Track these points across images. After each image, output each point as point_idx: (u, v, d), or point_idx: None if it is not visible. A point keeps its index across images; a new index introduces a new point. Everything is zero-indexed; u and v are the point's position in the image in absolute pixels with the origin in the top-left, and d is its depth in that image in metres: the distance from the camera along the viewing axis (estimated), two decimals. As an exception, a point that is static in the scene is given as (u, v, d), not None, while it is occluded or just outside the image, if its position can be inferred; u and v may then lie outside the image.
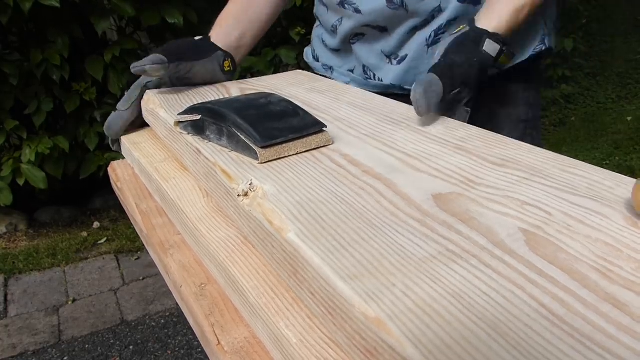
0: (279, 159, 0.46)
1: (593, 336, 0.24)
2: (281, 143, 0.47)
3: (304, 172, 0.43)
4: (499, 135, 0.50)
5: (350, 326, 0.28)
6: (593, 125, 3.25)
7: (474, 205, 0.37)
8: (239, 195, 0.42)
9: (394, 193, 0.39)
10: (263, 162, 0.45)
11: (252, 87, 0.70)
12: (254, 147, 0.46)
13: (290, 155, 0.47)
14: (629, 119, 3.29)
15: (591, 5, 3.67)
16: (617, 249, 0.31)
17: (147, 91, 0.69)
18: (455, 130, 0.51)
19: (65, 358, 1.54)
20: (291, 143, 0.47)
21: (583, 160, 0.42)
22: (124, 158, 0.74)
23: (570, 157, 0.44)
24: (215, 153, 0.48)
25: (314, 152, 0.47)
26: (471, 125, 0.53)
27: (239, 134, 0.47)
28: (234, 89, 0.69)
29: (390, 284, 0.28)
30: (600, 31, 4.29)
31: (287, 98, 0.53)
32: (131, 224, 0.65)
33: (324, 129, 0.50)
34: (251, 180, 0.42)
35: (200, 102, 0.59)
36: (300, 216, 0.36)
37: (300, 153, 0.48)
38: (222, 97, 0.65)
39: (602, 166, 0.42)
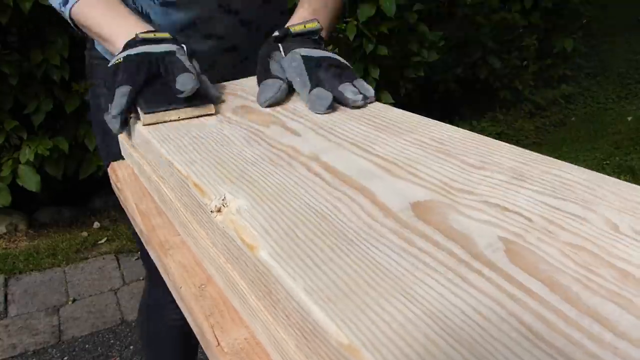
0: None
1: (574, 356, 0.24)
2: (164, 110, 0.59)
3: (279, 184, 0.42)
4: (479, 135, 0.49)
5: (325, 352, 0.28)
6: (593, 125, 3.25)
7: (453, 212, 0.36)
8: (212, 212, 0.41)
9: (371, 203, 0.38)
10: (145, 124, 0.58)
11: (231, 91, 0.70)
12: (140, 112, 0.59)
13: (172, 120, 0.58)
14: (629, 119, 3.29)
15: (591, 5, 3.67)
16: (598, 256, 0.31)
17: None
18: (434, 132, 0.51)
19: (66, 358, 1.54)
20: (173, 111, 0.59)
21: (583, 160, 0.42)
22: (123, 158, 0.74)
23: (570, 157, 0.44)
24: (187, 165, 0.47)
25: (290, 160, 0.46)
26: (450, 125, 0.52)
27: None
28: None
29: (365, 306, 0.27)
30: (600, 31, 4.29)
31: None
32: (131, 224, 0.65)
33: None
34: (224, 195, 0.41)
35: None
36: (274, 232, 0.35)
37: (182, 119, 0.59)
38: None
39: (602, 166, 0.41)
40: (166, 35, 0.68)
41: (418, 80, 2.77)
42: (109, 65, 0.64)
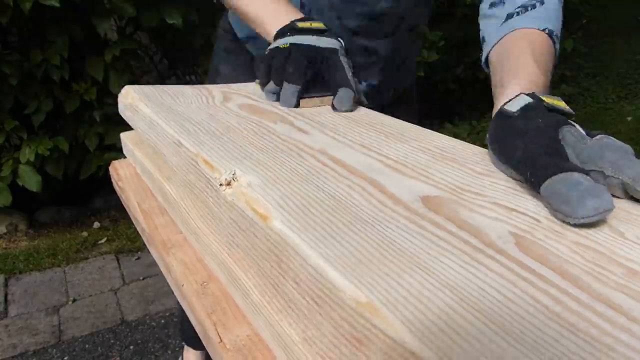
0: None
1: (589, 331, 0.24)
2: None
3: (291, 168, 0.42)
4: (481, 148, 0.50)
5: (339, 314, 0.28)
6: (593, 125, 3.25)
7: (462, 209, 0.36)
8: (221, 185, 0.40)
9: (381, 193, 0.38)
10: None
11: (235, 91, 0.70)
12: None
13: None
14: (629, 119, 3.29)
15: (591, 5, 3.67)
16: (606, 255, 0.31)
17: (126, 86, 0.67)
18: (437, 142, 0.51)
19: (66, 358, 1.54)
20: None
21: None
22: (124, 157, 0.74)
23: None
24: (196, 144, 0.47)
25: (299, 152, 0.46)
26: (452, 138, 0.53)
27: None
28: (216, 91, 0.68)
29: (383, 274, 0.28)
30: (600, 31, 4.30)
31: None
32: (131, 223, 0.65)
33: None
34: (234, 170, 0.41)
35: (182, 100, 0.64)
36: (287, 207, 0.35)
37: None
38: (204, 98, 0.66)
39: (602, 166, 0.41)
40: (321, 25, 0.66)
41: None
42: (270, 47, 0.65)
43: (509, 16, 0.63)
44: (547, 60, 0.59)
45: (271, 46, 0.66)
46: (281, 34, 0.66)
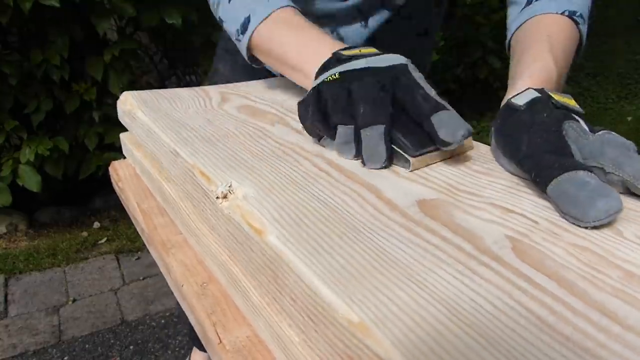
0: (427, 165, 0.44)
1: (583, 344, 0.24)
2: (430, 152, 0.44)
3: (286, 175, 0.42)
4: (484, 145, 0.49)
5: (333, 332, 0.28)
6: (593, 125, 3.25)
7: (459, 212, 0.36)
8: (217, 198, 0.41)
9: (377, 199, 0.38)
10: (413, 170, 0.43)
11: (233, 92, 0.69)
12: (406, 155, 0.42)
13: (437, 162, 0.45)
14: (629, 119, 3.29)
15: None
16: (603, 257, 0.31)
17: (124, 92, 0.66)
18: None
19: (66, 358, 1.54)
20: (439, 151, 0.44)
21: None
22: (124, 157, 0.74)
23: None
24: (193, 154, 0.47)
25: (296, 156, 0.46)
26: None
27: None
28: (213, 93, 0.68)
29: (375, 289, 0.28)
30: (600, 31, 4.29)
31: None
32: (131, 223, 0.65)
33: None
34: (231, 182, 0.41)
35: (180, 104, 0.61)
36: (282, 219, 0.35)
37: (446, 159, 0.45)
38: (201, 101, 0.64)
39: (602, 166, 0.41)
40: (374, 50, 0.50)
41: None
42: (313, 87, 0.48)
43: (529, 2, 0.62)
44: (566, 48, 0.57)
45: (314, 84, 0.48)
46: (324, 69, 0.49)
